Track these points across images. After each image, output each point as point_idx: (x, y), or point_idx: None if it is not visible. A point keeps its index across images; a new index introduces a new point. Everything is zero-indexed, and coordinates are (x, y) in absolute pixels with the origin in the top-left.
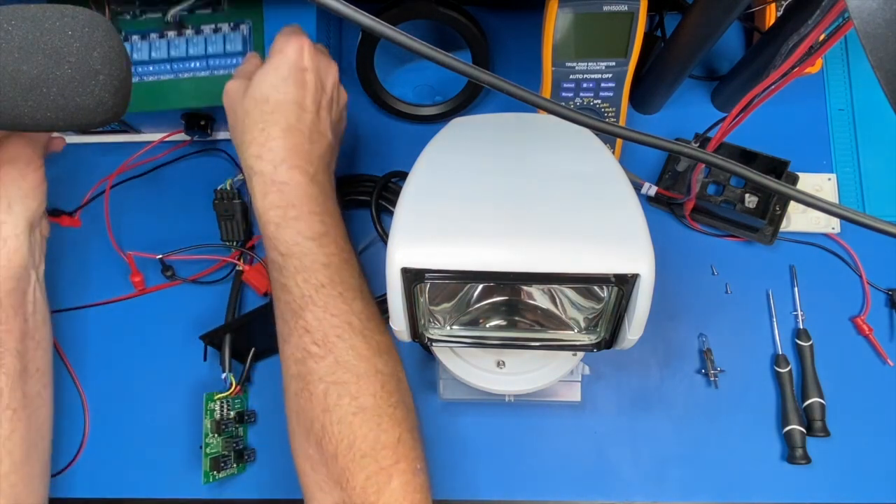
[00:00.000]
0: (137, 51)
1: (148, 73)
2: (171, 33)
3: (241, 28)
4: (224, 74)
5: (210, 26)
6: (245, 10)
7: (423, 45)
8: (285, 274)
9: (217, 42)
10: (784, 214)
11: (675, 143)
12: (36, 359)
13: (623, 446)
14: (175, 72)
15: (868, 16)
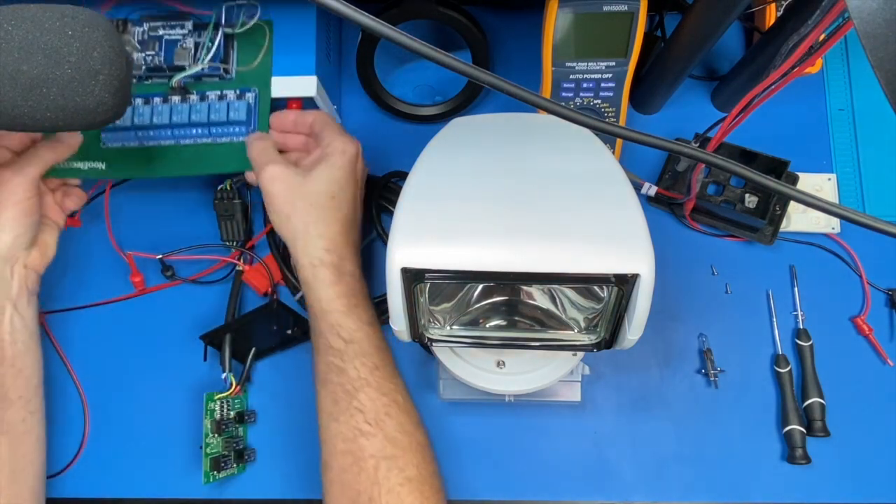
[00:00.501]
0: (139, 115)
1: (148, 138)
2: (175, 98)
3: (246, 96)
4: (226, 142)
5: (216, 93)
6: (252, 77)
7: (423, 45)
8: (345, 358)
9: (221, 110)
10: (784, 214)
11: (675, 143)
12: (17, 387)
13: (623, 446)
14: (176, 137)
15: (868, 16)
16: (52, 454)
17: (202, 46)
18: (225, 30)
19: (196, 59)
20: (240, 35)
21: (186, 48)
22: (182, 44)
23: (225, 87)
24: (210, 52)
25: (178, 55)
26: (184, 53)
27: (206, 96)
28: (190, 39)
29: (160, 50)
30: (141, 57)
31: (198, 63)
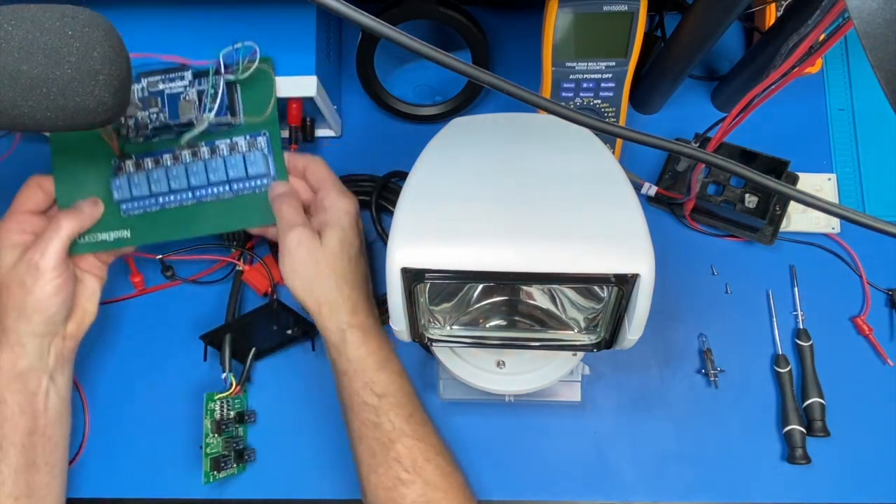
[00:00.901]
0: (155, 182)
1: (169, 202)
2: (186, 154)
3: (258, 142)
4: (249, 194)
5: (225, 142)
6: (256, 109)
7: (423, 45)
8: (380, 413)
9: (237, 165)
10: (784, 214)
11: (675, 143)
12: (46, 453)
13: (623, 446)
14: (197, 197)
15: (868, 16)
16: None
17: (205, 95)
18: (226, 77)
19: (202, 107)
20: (242, 79)
21: (190, 100)
22: (185, 96)
23: (234, 134)
24: (214, 107)
25: (182, 109)
26: (188, 106)
27: (216, 148)
28: (192, 90)
29: (164, 106)
30: (145, 116)
31: (204, 121)
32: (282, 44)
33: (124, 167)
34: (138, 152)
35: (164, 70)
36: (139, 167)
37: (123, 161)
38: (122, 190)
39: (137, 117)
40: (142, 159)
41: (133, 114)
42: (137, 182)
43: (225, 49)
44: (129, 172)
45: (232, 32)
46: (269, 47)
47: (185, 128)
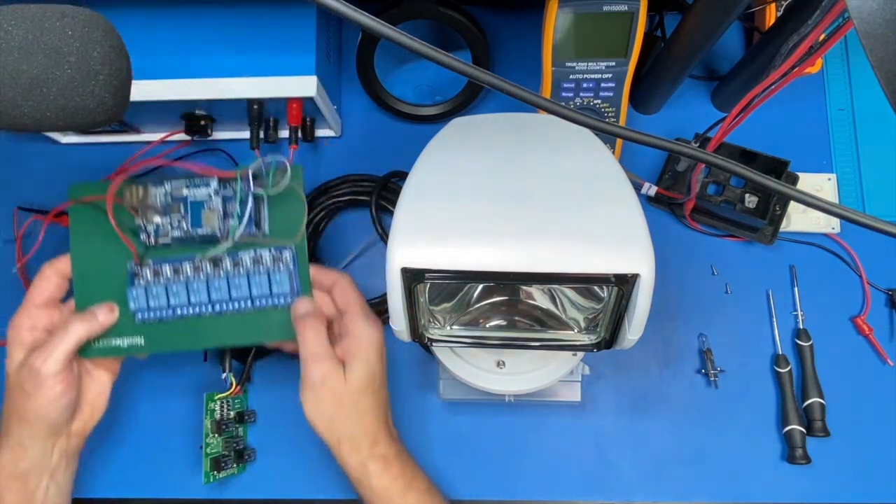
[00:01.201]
0: (174, 295)
1: (187, 313)
2: (207, 265)
3: (283, 256)
4: (270, 308)
5: (249, 254)
6: (285, 231)
7: (423, 45)
8: None
9: (262, 284)
10: (784, 214)
11: (675, 143)
12: None
13: (623, 446)
14: (216, 311)
15: (868, 16)
16: None
17: (231, 206)
18: (255, 192)
19: (226, 213)
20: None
21: (214, 209)
22: (209, 204)
23: (258, 246)
24: (241, 225)
25: (206, 218)
26: (212, 216)
27: (240, 261)
28: (217, 199)
29: (185, 212)
30: (166, 222)
31: (229, 241)
32: (282, 44)
33: (142, 274)
34: (157, 258)
35: (189, 175)
36: (157, 275)
37: (141, 268)
38: (138, 301)
39: (158, 223)
40: (161, 266)
41: (153, 219)
42: (156, 294)
43: (254, 162)
44: (147, 281)
45: (232, 32)
46: (270, 47)
47: (207, 238)
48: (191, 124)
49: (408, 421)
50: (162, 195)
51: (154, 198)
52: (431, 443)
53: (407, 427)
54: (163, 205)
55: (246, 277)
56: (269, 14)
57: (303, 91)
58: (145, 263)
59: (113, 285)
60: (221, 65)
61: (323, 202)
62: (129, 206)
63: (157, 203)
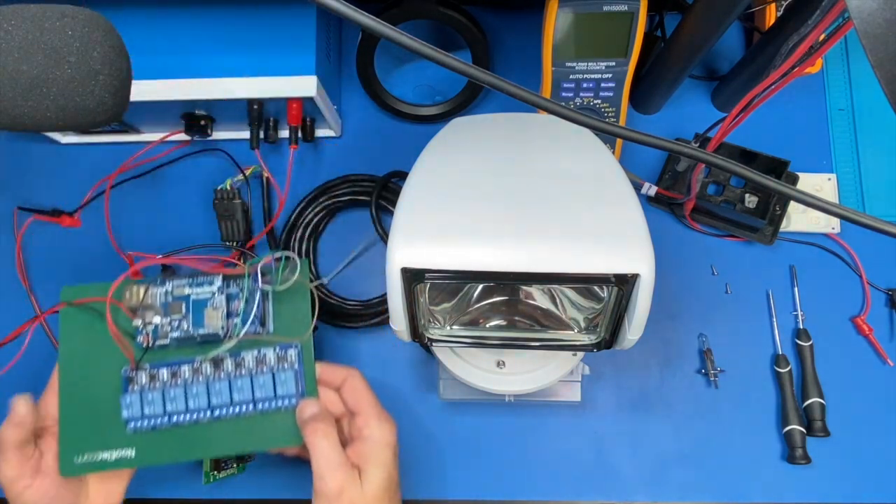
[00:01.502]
0: (171, 400)
1: (183, 420)
2: (207, 367)
3: (289, 355)
4: (273, 412)
5: (252, 353)
6: (291, 328)
7: (423, 45)
8: None
9: (266, 385)
10: (784, 214)
11: (675, 143)
12: None
13: (623, 446)
14: (216, 417)
15: (868, 16)
16: None
17: (235, 305)
18: (262, 288)
19: (230, 312)
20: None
21: (218, 309)
22: (212, 303)
23: (262, 345)
24: (246, 324)
25: (208, 317)
26: (215, 316)
27: (241, 361)
28: (220, 297)
29: (187, 312)
30: (165, 322)
31: (233, 340)
32: (282, 44)
33: (136, 379)
34: (154, 362)
35: (193, 275)
36: (153, 380)
37: (137, 372)
38: (132, 408)
39: (157, 324)
40: (157, 370)
41: (152, 320)
42: (151, 400)
43: (262, 258)
44: (142, 386)
45: (232, 32)
46: (269, 47)
47: (208, 338)
48: (191, 124)
49: (408, 421)
50: (162, 294)
51: (155, 297)
52: (431, 443)
53: (407, 427)
54: (163, 304)
55: (249, 379)
56: (269, 14)
57: (303, 91)
58: (141, 367)
59: (104, 393)
60: (221, 65)
61: (323, 202)
62: (128, 307)
63: (157, 303)
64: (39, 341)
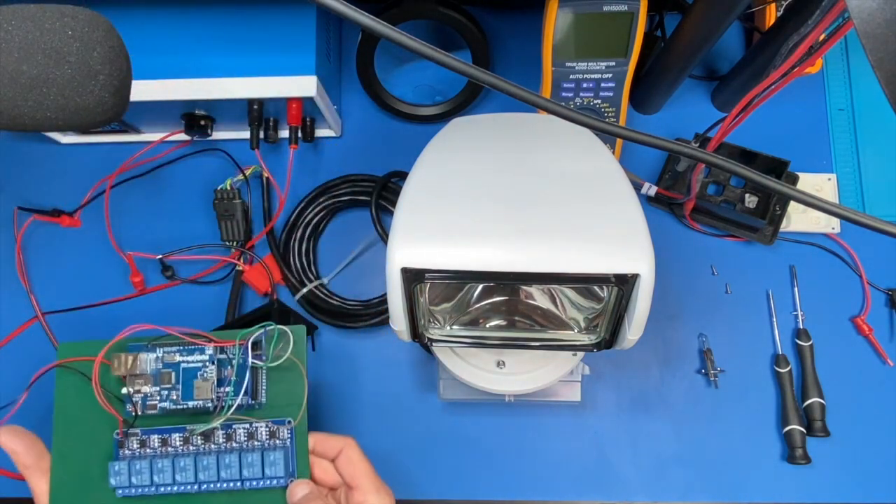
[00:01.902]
0: (159, 472)
1: (171, 491)
2: (197, 438)
3: (281, 433)
4: (263, 489)
5: (244, 428)
6: (284, 400)
7: (423, 45)
8: None
9: (255, 464)
10: (784, 214)
11: (675, 143)
12: None
13: (623, 446)
14: (204, 490)
15: (868, 16)
16: None
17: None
18: (253, 362)
19: (220, 381)
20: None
21: (208, 380)
22: (202, 374)
23: (253, 415)
24: (235, 401)
25: (198, 389)
26: (205, 387)
27: (232, 433)
28: (211, 368)
29: (177, 382)
30: (155, 392)
31: (221, 417)
32: (282, 44)
33: (126, 445)
34: (144, 427)
35: (182, 343)
36: (143, 446)
37: (127, 438)
38: (120, 476)
39: (147, 393)
40: (148, 436)
41: (142, 389)
42: (139, 469)
43: (255, 331)
44: (132, 452)
45: (232, 32)
46: (269, 47)
47: (199, 410)
48: (191, 124)
49: (408, 421)
50: (152, 360)
51: (144, 364)
52: (431, 443)
53: (407, 427)
54: (153, 372)
55: (238, 455)
56: (269, 14)
57: (303, 91)
58: (131, 434)
59: (95, 455)
60: (221, 65)
61: (323, 202)
62: (117, 373)
63: (147, 371)
64: (39, 341)
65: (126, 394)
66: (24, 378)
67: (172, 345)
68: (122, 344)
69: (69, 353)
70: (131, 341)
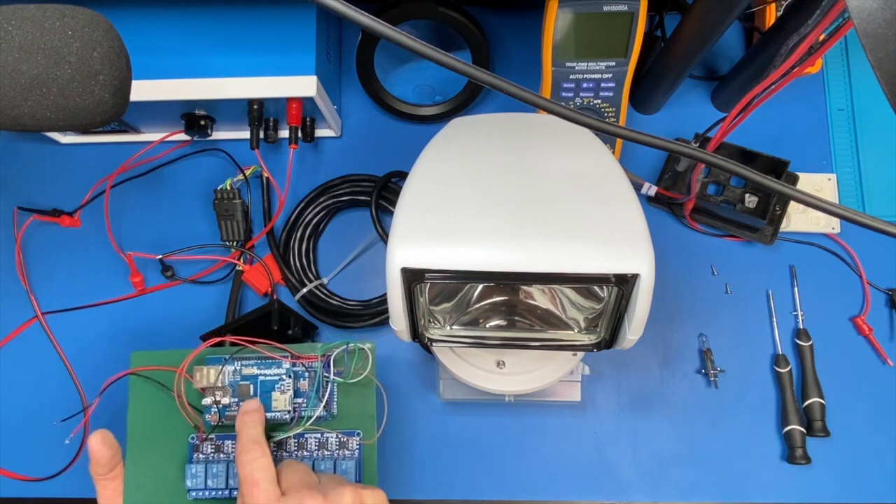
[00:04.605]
0: (234, 475)
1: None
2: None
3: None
4: None
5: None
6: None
7: (423, 45)
8: None
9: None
10: (784, 214)
11: (675, 143)
12: None
13: (623, 446)
14: None
15: (868, 16)
16: (51, 454)
17: (304, 395)
18: (335, 379)
19: (296, 393)
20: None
21: (285, 392)
22: (280, 387)
23: (326, 426)
24: (314, 415)
25: (275, 401)
26: (282, 399)
27: (304, 441)
28: (288, 381)
29: (255, 394)
30: (234, 403)
31: (301, 424)
32: (282, 44)
33: (202, 448)
34: (220, 434)
35: (260, 356)
36: (218, 451)
37: (203, 442)
38: (196, 478)
39: (226, 404)
40: (223, 442)
41: (221, 400)
42: (216, 472)
43: (338, 346)
44: (207, 456)
45: (232, 32)
46: (269, 47)
47: (276, 420)
48: (191, 124)
49: (408, 421)
50: (230, 373)
51: (224, 376)
52: (431, 443)
53: (407, 427)
54: (231, 384)
55: (311, 463)
56: (269, 14)
57: (303, 91)
58: (208, 438)
59: (169, 460)
60: (221, 65)
61: (323, 202)
62: (198, 386)
63: (226, 383)
64: (39, 341)
65: (206, 405)
66: (24, 378)
67: (250, 358)
68: (200, 356)
69: (142, 361)
70: (208, 354)
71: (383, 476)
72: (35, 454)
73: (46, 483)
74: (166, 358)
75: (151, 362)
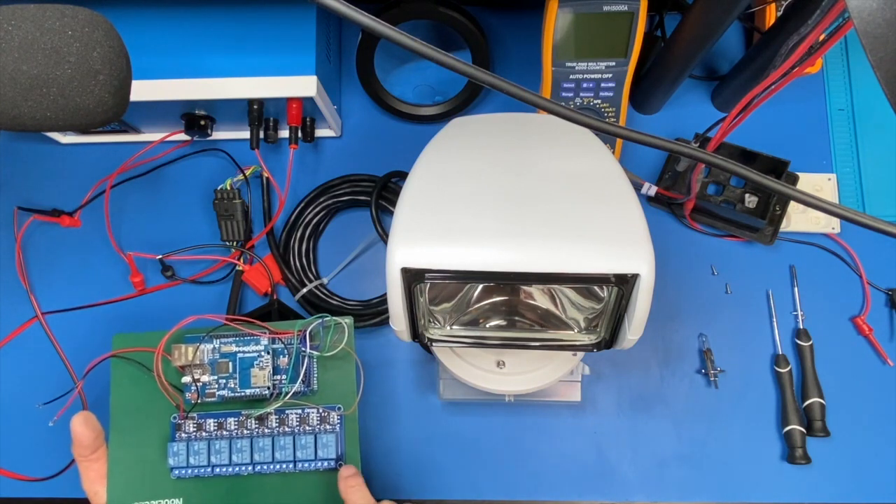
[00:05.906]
0: (216, 452)
1: (225, 471)
2: (252, 422)
3: (331, 418)
4: (314, 471)
5: (296, 413)
6: (335, 387)
7: (423, 45)
8: None
9: (308, 446)
10: (784, 214)
11: (675, 143)
12: None
13: (623, 446)
14: (258, 471)
15: (868, 16)
16: (51, 455)
17: (282, 371)
18: (311, 353)
19: (275, 369)
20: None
21: (264, 368)
22: (258, 363)
23: (306, 401)
24: (292, 390)
25: (254, 378)
26: (261, 376)
27: (285, 417)
28: (267, 357)
29: (234, 372)
30: (213, 381)
31: (279, 400)
32: (282, 44)
33: (184, 427)
34: (201, 412)
35: (238, 333)
36: (200, 429)
37: (185, 420)
38: (178, 456)
39: (206, 382)
40: (204, 420)
41: (200, 378)
42: (197, 450)
43: (312, 321)
44: (189, 435)
45: (232, 32)
46: (269, 47)
47: (255, 396)
48: (191, 124)
49: (408, 421)
50: (210, 351)
51: (202, 354)
52: (431, 443)
53: (407, 427)
54: (211, 362)
55: (292, 438)
56: (269, 14)
57: (303, 91)
58: (189, 417)
59: (151, 439)
60: (221, 65)
61: (323, 202)
62: (176, 364)
63: (205, 361)
64: (39, 341)
65: (186, 383)
66: (24, 378)
67: (228, 336)
68: (178, 335)
69: (123, 343)
70: (187, 332)
71: (384, 476)
72: (35, 454)
73: (46, 483)
74: (147, 339)
75: (132, 344)
